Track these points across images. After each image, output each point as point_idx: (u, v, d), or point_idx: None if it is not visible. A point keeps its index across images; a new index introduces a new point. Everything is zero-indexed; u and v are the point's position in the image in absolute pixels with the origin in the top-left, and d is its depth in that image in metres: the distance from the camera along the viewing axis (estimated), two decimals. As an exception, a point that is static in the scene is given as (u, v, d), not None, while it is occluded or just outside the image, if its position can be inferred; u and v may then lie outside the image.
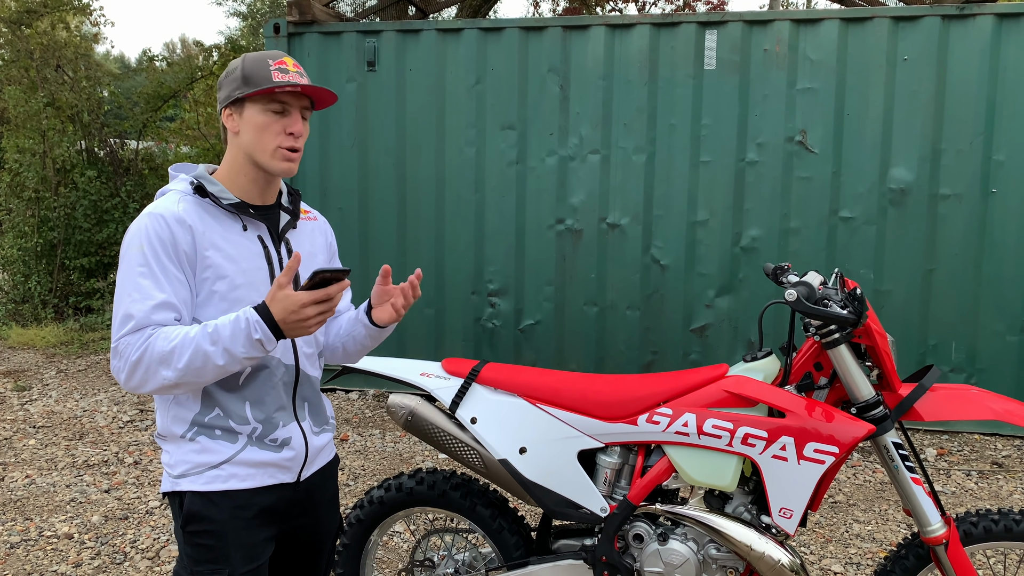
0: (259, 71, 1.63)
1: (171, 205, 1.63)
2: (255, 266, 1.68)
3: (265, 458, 1.69)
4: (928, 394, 2.03)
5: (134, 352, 1.54)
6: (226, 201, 1.67)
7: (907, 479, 2.01)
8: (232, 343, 1.51)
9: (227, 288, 1.64)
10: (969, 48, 4.86)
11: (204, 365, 1.52)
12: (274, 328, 1.51)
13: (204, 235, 1.63)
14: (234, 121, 1.68)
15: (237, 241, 1.67)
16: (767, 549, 2.02)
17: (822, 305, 1.94)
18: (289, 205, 1.81)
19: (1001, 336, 4.96)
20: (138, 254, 1.58)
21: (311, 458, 1.79)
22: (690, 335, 5.33)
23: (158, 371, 1.53)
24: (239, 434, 1.67)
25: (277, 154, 1.66)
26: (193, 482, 1.66)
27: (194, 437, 1.66)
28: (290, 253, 1.75)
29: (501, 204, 5.50)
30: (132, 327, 1.55)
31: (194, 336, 1.53)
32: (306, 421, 1.78)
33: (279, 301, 1.49)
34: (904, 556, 2.09)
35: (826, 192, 5.09)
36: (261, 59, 1.65)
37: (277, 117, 1.65)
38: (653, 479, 2.14)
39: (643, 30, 5.22)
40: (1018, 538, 1.99)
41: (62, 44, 9.20)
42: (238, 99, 1.65)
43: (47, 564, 3.35)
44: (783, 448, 1.98)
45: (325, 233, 1.92)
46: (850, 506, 3.97)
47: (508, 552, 2.35)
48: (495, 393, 2.28)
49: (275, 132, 1.65)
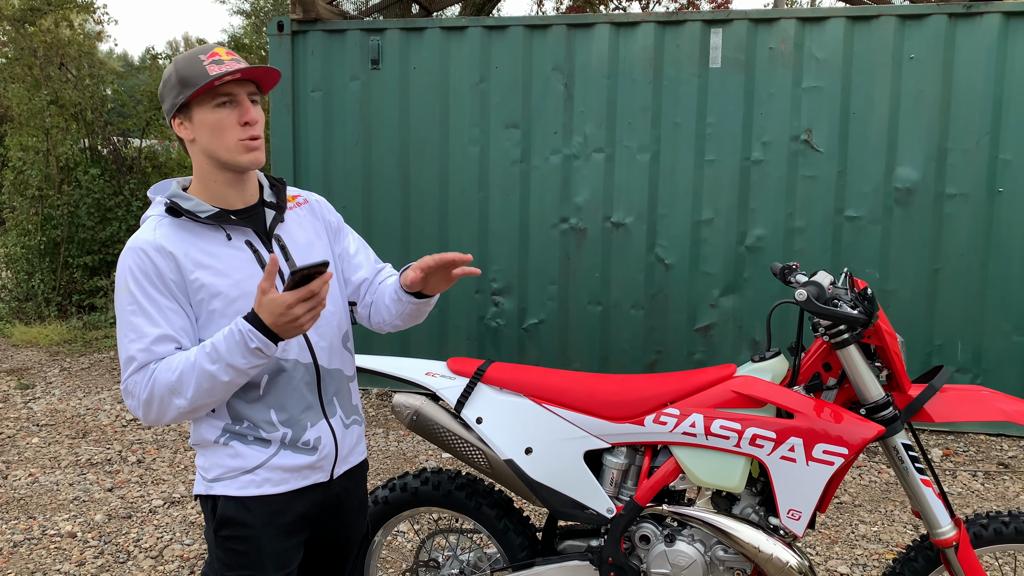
0: (194, 70, 1.56)
1: (148, 235, 1.59)
2: (248, 275, 1.63)
3: (298, 462, 1.67)
4: (938, 395, 2.01)
5: (143, 390, 1.54)
6: (204, 214, 1.61)
7: (917, 481, 2.00)
8: (231, 357, 1.50)
9: (223, 304, 1.60)
10: (976, 47, 4.83)
11: (212, 385, 1.51)
12: (268, 333, 1.49)
13: (187, 256, 1.58)
14: (186, 129, 1.61)
15: (223, 254, 1.62)
16: (775, 551, 2.01)
17: (832, 305, 1.92)
18: (273, 199, 1.74)
19: (1007, 336, 4.94)
20: (126, 294, 1.56)
21: (343, 455, 1.77)
22: (694, 335, 5.31)
23: (171, 401, 1.53)
24: (270, 441, 1.65)
25: (239, 147, 1.60)
26: (227, 486, 1.64)
27: (228, 442, 1.64)
28: (284, 250, 1.70)
29: (505, 203, 5.48)
30: (135, 367, 1.55)
31: (194, 359, 1.52)
32: (336, 416, 1.75)
33: (265, 306, 1.47)
34: (913, 558, 2.07)
35: (831, 191, 5.07)
36: (192, 57, 1.59)
37: (228, 110, 1.58)
38: (660, 480, 2.12)
39: (648, 28, 5.20)
40: (1029, 541, 1.97)
41: (66, 42, 9.19)
42: (183, 104, 1.59)
43: (50, 563, 3.34)
44: (792, 449, 1.97)
45: (320, 214, 1.83)
46: (856, 507, 3.95)
47: (513, 553, 2.33)
48: (501, 393, 2.27)
49: (230, 126, 1.58)
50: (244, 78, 1.59)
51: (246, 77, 1.59)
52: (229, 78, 1.55)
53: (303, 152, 5.72)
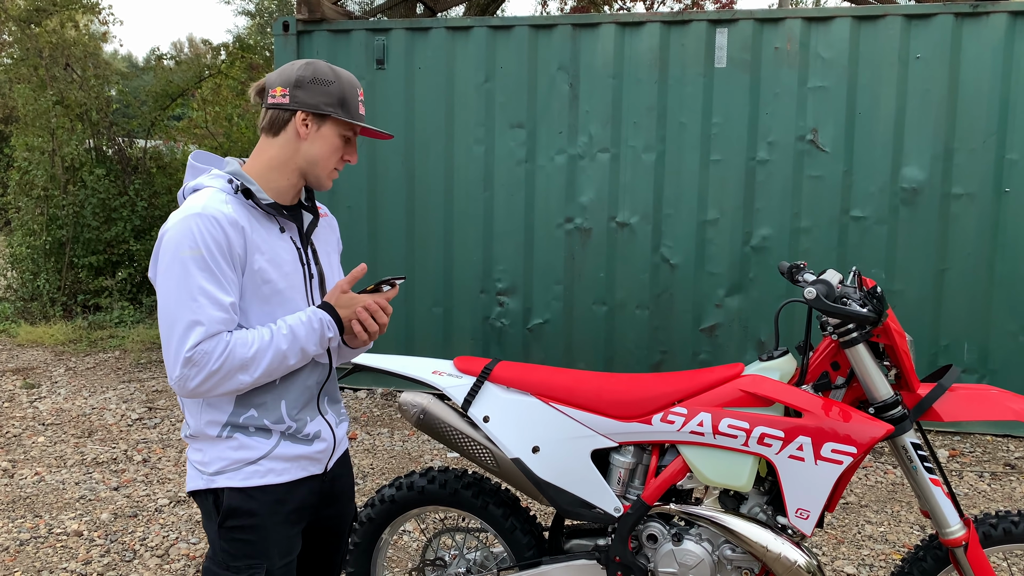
0: (351, 99, 1.71)
1: (220, 205, 1.60)
2: (293, 269, 1.72)
3: (299, 452, 1.72)
4: (947, 394, 2.00)
5: (214, 361, 1.53)
6: (265, 202, 1.67)
7: (926, 480, 1.99)
8: (307, 342, 1.63)
9: (270, 292, 1.65)
10: (982, 46, 4.82)
11: (280, 366, 1.61)
12: (340, 327, 1.68)
13: (252, 238, 1.63)
14: (308, 129, 1.68)
15: (277, 244, 1.69)
16: (783, 550, 2.00)
17: (841, 303, 1.92)
18: (307, 203, 1.83)
19: (1014, 336, 4.92)
20: (196, 257, 1.54)
21: (337, 449, 1.85)
22: (700, 335, 5.30)
23: (235, 377, 1.56)
24: (272, 431, 1.70)
25: (331, 174, 1.75)
26: (231, 478, 1.67)
27: (230, 435, 1.67)
28: (315, 254, 1.80)
29: (510, 203, 5.48)
30: (203, 334, 1.52)
31: (270, 339, 1.60)
32: (329, 414, 1.83)
33: (344, 303, 1.68)
34: (922, 558, 2.06)
35: (837, 191, 5.06)
36: (353, 87, 1.72)
37: (344, 144, 1.74)
38: (667, 479, 2.12)
39: (653, 28, 5.19)
40: (1038, 540, 1.97)
41: (71, 43, 9.22)
42: (324, 115, 1.69)
43: (56, 561, 3.35)
44: (800, 448, 1.96)
45: (334, 229, 1.97)
46: (862, 507, 3.94)
47: (520, 552, 2.33)
48: (508, 392, 2.26)
49: (339, 156, 1.74)
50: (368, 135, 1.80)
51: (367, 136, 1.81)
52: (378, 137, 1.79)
53: (308, 152, 5.72)
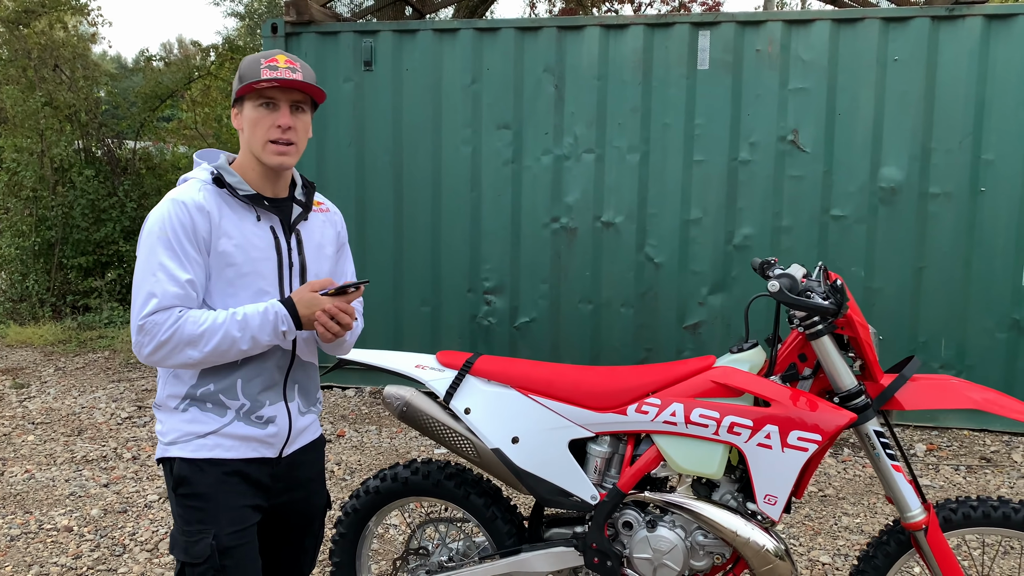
0: (251, 70, 1.73)
1: (192, 193, 1.73)
2: (264, 255, 1.79)
3: (249, 433, 1.80)
4: (908, 384, 2.08)
5: (163, 332, 1.65)
6: (242, 192, 1.77)
7: (888, 466, 2.07)
8: (260, 332, 1.71)
9: (234, 275, 1.75)
10: (958, 49, 4.92)
11: (229, 349, 1.69)
12: (297, 322, 1.74)
13: (220, 223, 1.73)
14: (238, 119, 1.80)
15: (249, 230, 1.77)
16: (752, 535, 2.08)
17: (804, 296, 1.99)
18: (302, 198, 1.90)
19: (990, 333, 5.03)
20: (162, 237, 1.68)
21: (293, 436, 1.90)
22: (683, 332, 5.39)
23: (184, 351, 1.66)
24: (228, 408, 1.78)
25: (268, 148, 1.75)
26: (182, 449, 1.77)
27: (186, 408, 1.77)
28: (300, 244, 1.86)
29: (497, 203, 5.55)
30: (156, 306, 1.65)
31: (222, 322, 1.67)
32: (294, 402, 1.89)
33: (306, 301, 1.74)
34: (886, 542, 2.14)
35: (817, 191, 5.15)
36: (255, 59, 1.75)
37: (267, 111, 1.74)
38: (642, 467, 2.19)
39: (637, 31, 5.27)
40: (996, 524, 2.05)
41: (60, 44, 9.23)
42: (239, 98, 1.77)
43: (47, 556, 3.40)
44: (768, 436, 2.03)
45: (335, 224, 2.01)
46: (840, 499, 4.03)
47: (501, 540, 2.40)
48: (488, 384, 2.33)
49: (266, 126, 1.74)
50: (287, 86, 1.72)
51: (284, 86, 1.72)
52: (265, 84, 1.70)
53: (297, 153, 5.77)
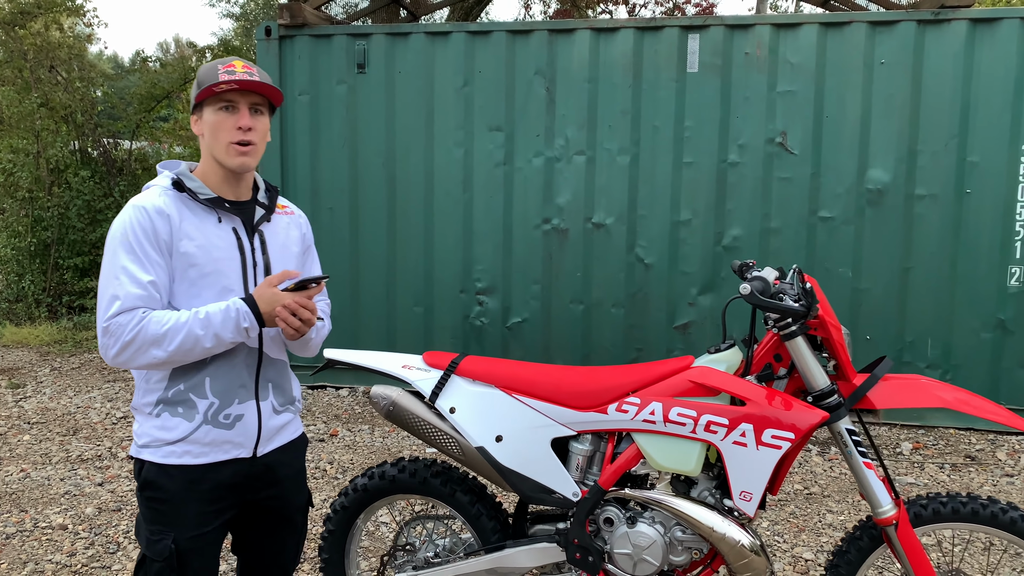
0: (208, 75, 1.79)
1: (153, 198, 1.79)
2: (227, 256, 1.84)
3: (217, 436, 1.84)
4: (880, 383, 2.14)
5: (127, 333, 1.70)
6: (203, 196, 1.82)
7: (859, 463, 2.13)
8: (222, 329, 1.75)
9: (196, 275, 1.80)
10: (944, 52, 4.99)
11: (194, 347, 1.73)
12: (259, 319, 1.78)
13: (180, 226, 1.78)
14: (198, 125, 1.85)
15: (211, 232, 1.82)
16: (728, 531, 2.13)
17: (777, 299, 2.05)
18: (265, 200, 1.95)
19: (976, 333, 5.09)
20: (123, 242, 1.74)
21: (267, 435, 1.93)
22: (673, 332, 5.44)
23: (149, 351, 1.71)
24: (197, 411, 1.82)
25: (230, 150, 1.80)
26: (153, 454, 1.83)
27: (159, 414, 1.83)
28: (263, 244, 1.91)
29: (489, 204, 5.60)
30: (119, 308, 1.70)
31: (185, 321, 1.72)
32: (267, 400, 1.93)
33: (266, 298, 1.77)
34: (859, 537, 2.20)
35: (805, 192, 5.21)
36: (212, 65, 1.81)
37: (227, 114, 1.80)
38: (622, 465, 2.24)
39: (627, 34, 5.33)
40: (965, 519, 2.10)
41: (56, 45, 9.27)
42: (197, 104, 1.82)
43: (42, 553, 3.44)
44: (743, 435, 2.09)
45: (300, 226, 2.05)
46: (824, 497, 4.09)
47: (486, 537, 2.45)
48: (473, 384, 2.38)
49: (227, 129, 1.80)
50: (245, 89, 1.79)
51: (244, 88, 1.79)
52: (225, 87, 1.76)
53: (291, 154, 5.82)
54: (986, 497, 2.13)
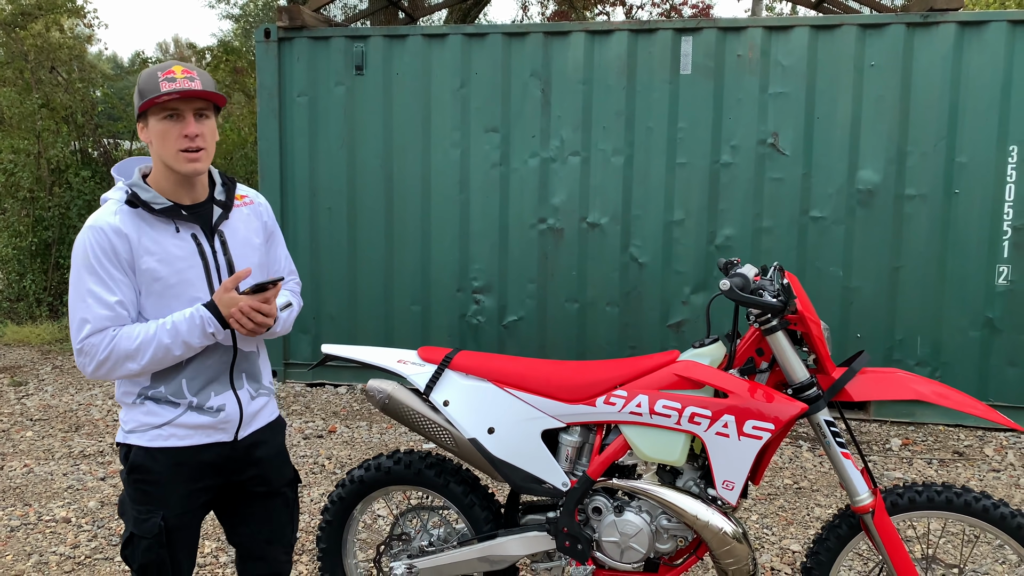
0: (150, 84, 1.79)
1: (108, 217, 1.84)
2: (189, 264, 1.89)
3: (202, 421, 1.94)
4: (858, 376, 2.21)
5: (101, 352, 1.80)
6: (158, 206, 1.86)
7: (837, 453, 2.20)
8: (189, 336, 1.84)
9: (162, 288, 1.87)
10: (933, 55, 5.07)
11: (165, 356, 1.84)
12: (222, 322, 1.85)
13: (139, 242, 1.84)
14: (145, 134, 1.86)
15: (170, 244, 1.87)
16: (712, 519, 2.21)
17: (756, 295, 2.13)
18: (223, 197, 1.98)
19: (964, 331, 5.17)
20: (86, 264, 1.82)
21: (247, 420, 2.02)
22: (667, 330, 5.52)
23: (124, 364, 1.82)
24: (180, 404, 1.93)
25: (180, 157, 1.83)
26: (139, 438, 1.93)
27: (143, 402, 1.92)
28: (224, 245, 1.95)
29: (485, 204, 5.68)
30: (90, 330, 1.80)
31: (154, 333, 1.81)
32: (243, 389, 2.02)
33: (225, 302, 1.83)
34: (838, 525, 2.28)
35: (797, 193, 5.29)
36: (152, 72, 1.81)
37: (172, 123, 1.81)
38: (610, 456, 2.32)
39: (621, 36, 5.41)
40: (940, 508, 2.18)
41: (56, 46, 9.36)
42: (141, 113, 1.84)
43: (46, 546, 3.52)
44: (725, 426, 2.17)
45: (260, 215, 2.07)
46: (813, 491, 4.17)
47: (479, 526, 2.53)
48: (466, 378, 2.46)
49: (174, 137, 1.81)
50: (188, 96, 1.80)
51: (185, 96, 1.78)
52: (167, 98, 1.77)
53: (289, 155, 5.90)
54: (960, 486, 2.21)
